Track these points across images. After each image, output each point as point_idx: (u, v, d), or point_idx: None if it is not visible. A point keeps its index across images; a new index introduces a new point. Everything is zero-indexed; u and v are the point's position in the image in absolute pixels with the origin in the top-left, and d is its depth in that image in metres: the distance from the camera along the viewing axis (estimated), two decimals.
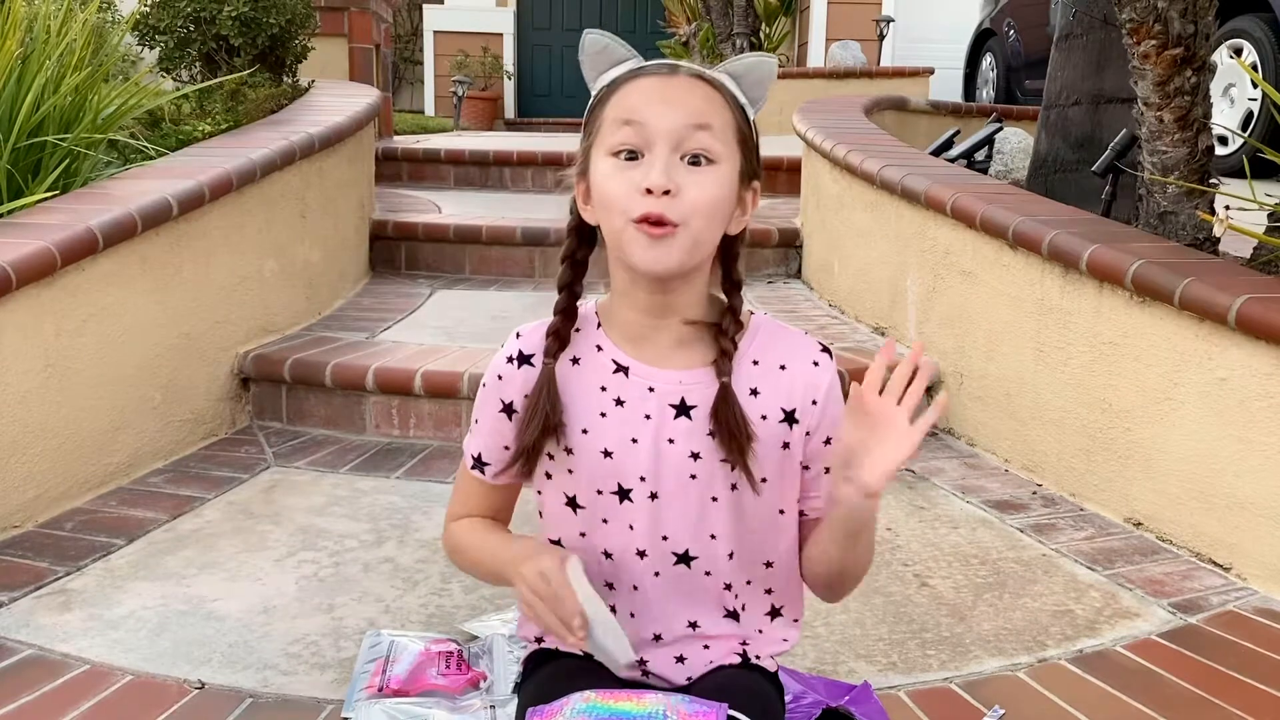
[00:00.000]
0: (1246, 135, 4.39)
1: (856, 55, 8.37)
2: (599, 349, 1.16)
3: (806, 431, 1.16)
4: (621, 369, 1.15)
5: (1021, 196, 3.00)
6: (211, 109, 3.80)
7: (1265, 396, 2.02)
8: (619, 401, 1.15)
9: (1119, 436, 2.35)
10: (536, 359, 1.17)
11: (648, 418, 1.14)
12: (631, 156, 1.06)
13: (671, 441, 1.14)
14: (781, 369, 1.16)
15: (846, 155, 3.54)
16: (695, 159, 1.06)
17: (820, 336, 1.21)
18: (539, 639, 1.25)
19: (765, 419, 1.14)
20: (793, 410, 1.15)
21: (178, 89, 3.83)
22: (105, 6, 4.44)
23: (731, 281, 1.16)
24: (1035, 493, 2.53)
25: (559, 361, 1.15)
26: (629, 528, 1.16)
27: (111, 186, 2.74)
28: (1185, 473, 2.19)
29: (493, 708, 1.54)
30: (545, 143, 6.38)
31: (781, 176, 4.86)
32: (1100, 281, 2.37)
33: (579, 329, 1.17)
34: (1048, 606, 1.96)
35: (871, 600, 1.95)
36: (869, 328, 3.39)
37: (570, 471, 1.17)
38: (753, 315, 1.19)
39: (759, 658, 1.23)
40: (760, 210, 1.19)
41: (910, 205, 3.12)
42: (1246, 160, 3.07)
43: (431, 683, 1.59)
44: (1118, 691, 1.68)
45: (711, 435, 1.13)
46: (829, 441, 1.16)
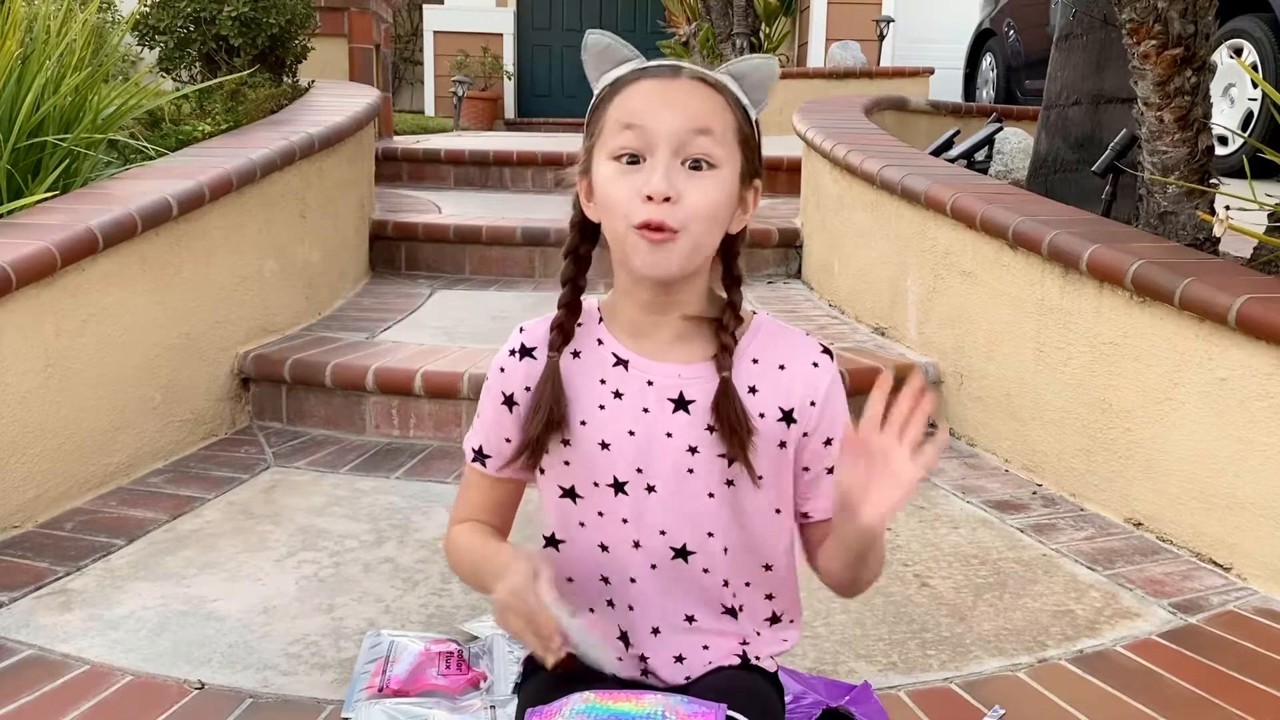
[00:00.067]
0: (1246, 135, 4.39)
1: (856, 55, 8.37)
2: (599, 343, 1.17)
3: (805, 432, 1.16)
4: (621, 362, 1.16)
5: (1021, 196, 3.00)
6: (211, 109, 3.80)
7: (1265, 396, 2.02)
8: (618, 394, 1.15)
9: (1119, 436, 2.35)
10: (538, 352, 1.18)
11: (646, 411, 1.14)
12: (633, 160, 1.07)
13: (669, 435, 1.14)
14: (781, 368, 1.16)
15: (847, 155, 3.54)
16: (696, 163, 1.06)
17: (820, 337, 1.21)
18: (559, 629, 1.25)
19: (763, 417, 1.14)
20: (790, 410, 1.15)
21: (178, 89, 3.83)
22: (105, 6, 4.44)
23: (732, 277, 1.16)
24: (1035, 493, 2.53)
25: (561, 355, 1.16)
26: (624, 521, 1.17)
27: (111, 186, 2.74)
28: (1185, 473, 2.19)
29: (493, 708, 1.54)
30: (545, 143, 6.38)
31: (781, 176, 4.86)
32: (1100, 281, 2.37)
33: (581, 324, 1.18)
34: (1048, 606, 1.96)
35: (872, 600, 1.95)
36: (869, 328, 3.39)
37: (568, 463, 1.17)
38: (754, 314, 1.20)
39: (758, 658, 1.23)
40: (760, 210, 1.19)
41: (910, 205, 3.12)
42: (1246, 160, 3.07)
43: (431, 683, 1.59)
44: (1118, 691, 1.68)
45: (709, 430, 1.13)
46: (829, 442, 1.16)
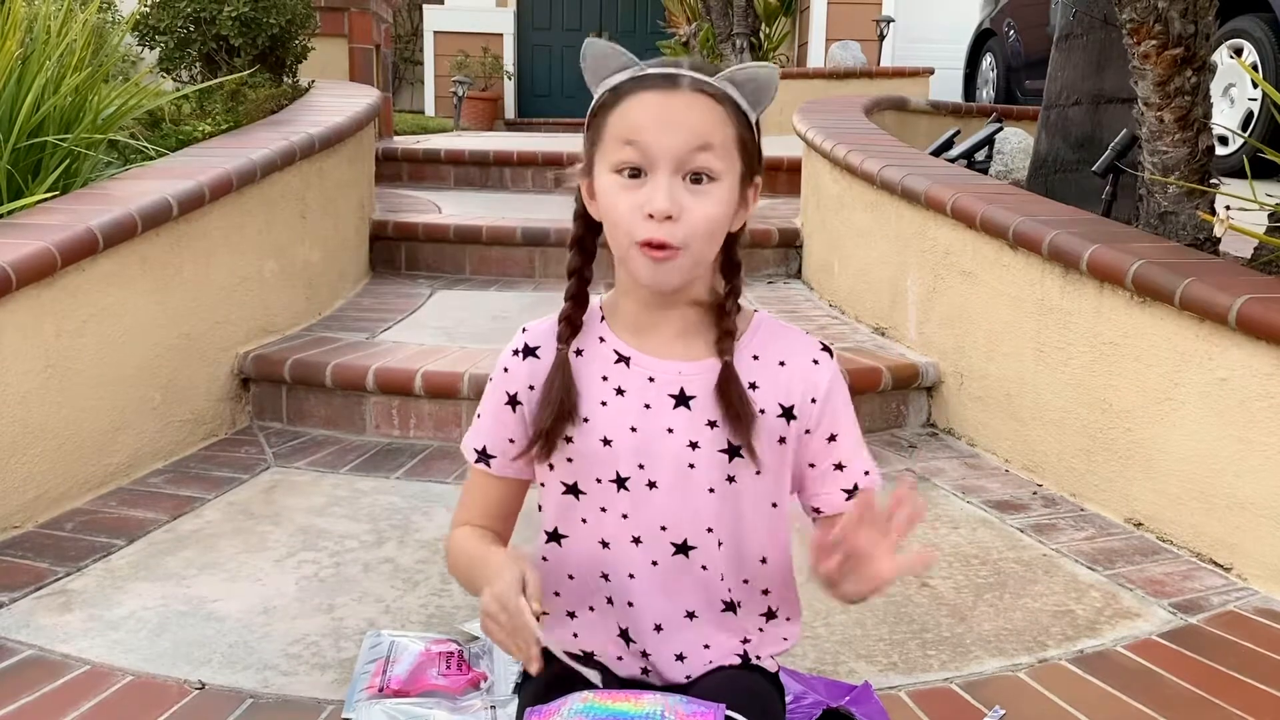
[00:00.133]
0: (1247, 135, 4.40)
1: (856, 55, 8.38)
2: (601, 340, 1.18)
3: (806, 429, 1.17)
4: (623, 359, 1.17)
5: (1021, 196, 3.00)
6: (211, 109, 3.80)
7: (1266, 396, 2.02)
8: (619, 391, 1.16)
9: (1119, 437, 2.35)
10: (541, 351, 1.19)
11: (647, 407, 1.15)
12: (634, 173, 1.08)
13: (670, 431, 1.15)
14: (781, 365, 1.17)
15: (847, 155, 3.54)
16: (697, 177, 1.07)
17: (820, 337, 1.22)
18: (538, 639, 1.25)
19: (763, 413, 1.15)
20: (790, 407, 1.16)
21: (178, 89, 3.83)
22: (105, 7, 4.44)
23: (731, 264, 1.17)
24: (1036, 493, 2.53)
25: (569, 347, 1.18)
26: (625, 516, 1.17)
27: (112, 187, 2.74)
28: (1186, 473, 2.19)
29: (493, 708, 1.54)
30: (545, 143, 6.38)
31: (781, 176, 4.86)
32: (1101, 281, 2.37)
33: (584, 322, 1.19)
34: (1048, 607, 1.96)
35: (872, 601, 1.94)
36: (869, 328, 3.39)
37: (570, 460, 1.18)
38: (755, 312, 1.21)
39: (759, 658, 1.24)
40: (760, 210, 1.20)
41: (910, 205, 3.12)
42: (1247, 160, 3.07)
43: (432, 683, 1.59)
44: (1118, 692, 1.68)
45: (710, 425, 1.14)
46: (834, 439, 1.18)
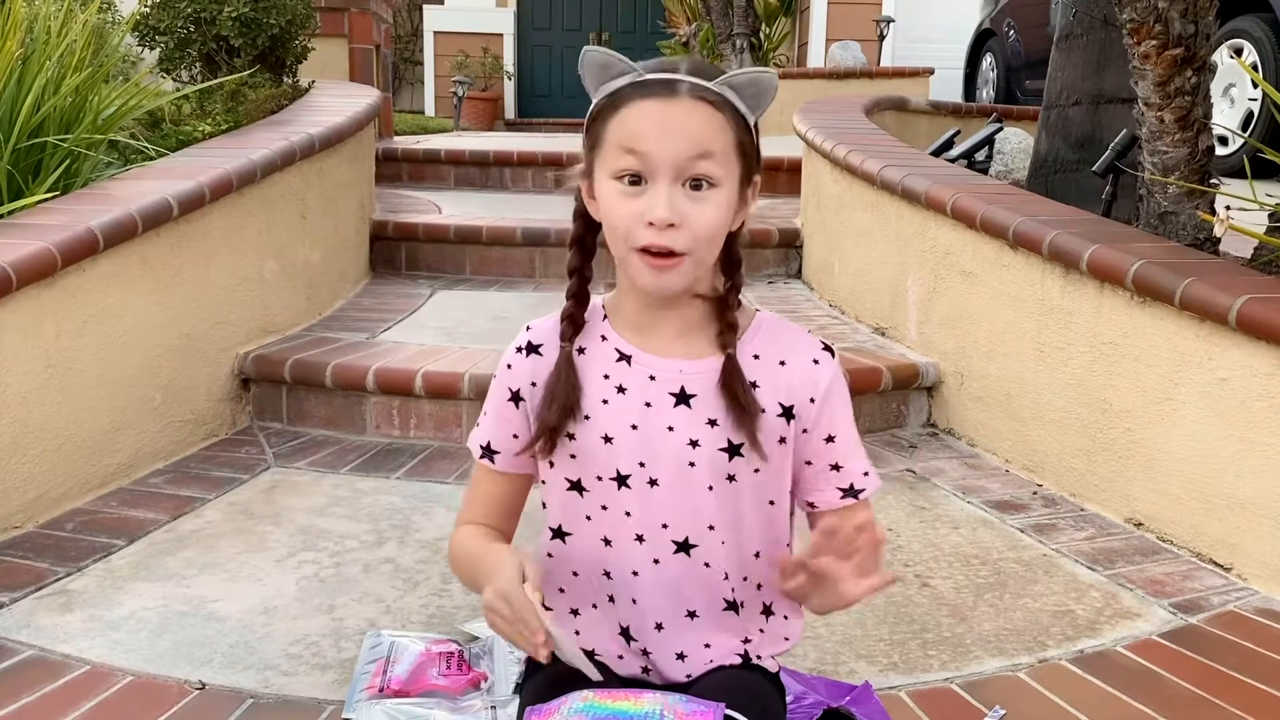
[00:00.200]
0: (1247, 135, 4.39)
1: (856, 55, 8.38)
2: (603, 339, 1.19)
3: (804, 429, 1.18)
4: (624, 358, 1.17)
5: (1022, 197, 3.00)
6: (212, 109, 3.80)
7: (1266, 397, 2.02)
8: (621, 389, 1.17)
9: (1120, 437, 2.35)
10: (544, 349, 1.20)
11: (648, 405, 1.16)
12: (635, 180, 1.08)
13: (671, 429, 1.15)
14: (781, 364, 1.17)
15: (847, 155, 3.54)
16: (697, 183, 1.08)
17: (821, 337, 1.22)
18: (543, 628, 1.25)
19: (764, 412, 1.15)
20: (791, 406, 1.17)
21: (178, 89, 3.83)
22: (105, 7, 4.44)
23: (732, 260, 1.17)
24: (1036, 493, 2.53)
25: (572, 344, 1.18)
26: (627, 514, 1.18)
27: (112, 187, 2.74)
28: (1186, 473, 2.19)
29: (493, 708, 1.54)
30: (545, 143, 6.38)
31: (781, 176, 4.86)
32: (1101, 282, 2.37)
33: (586, 320, 1.20)
34: (1048, 607, 1.96)
35: (872, 601, 1.95)
36: (870, 328, 3.39)
37: (573, 456, 1.19)
38: (757, 311, 1.21)
39: (760, 657, 1.24)
40: (760, 210, 1.21)
41: (911, 205, 3.12)
42: (1247, 160, 3.07)
43: (432, 683, 1.59)
44: (1118, 692, 1.68)
45: (710, 423, 1.15)
46: (831, 439, 1.18)
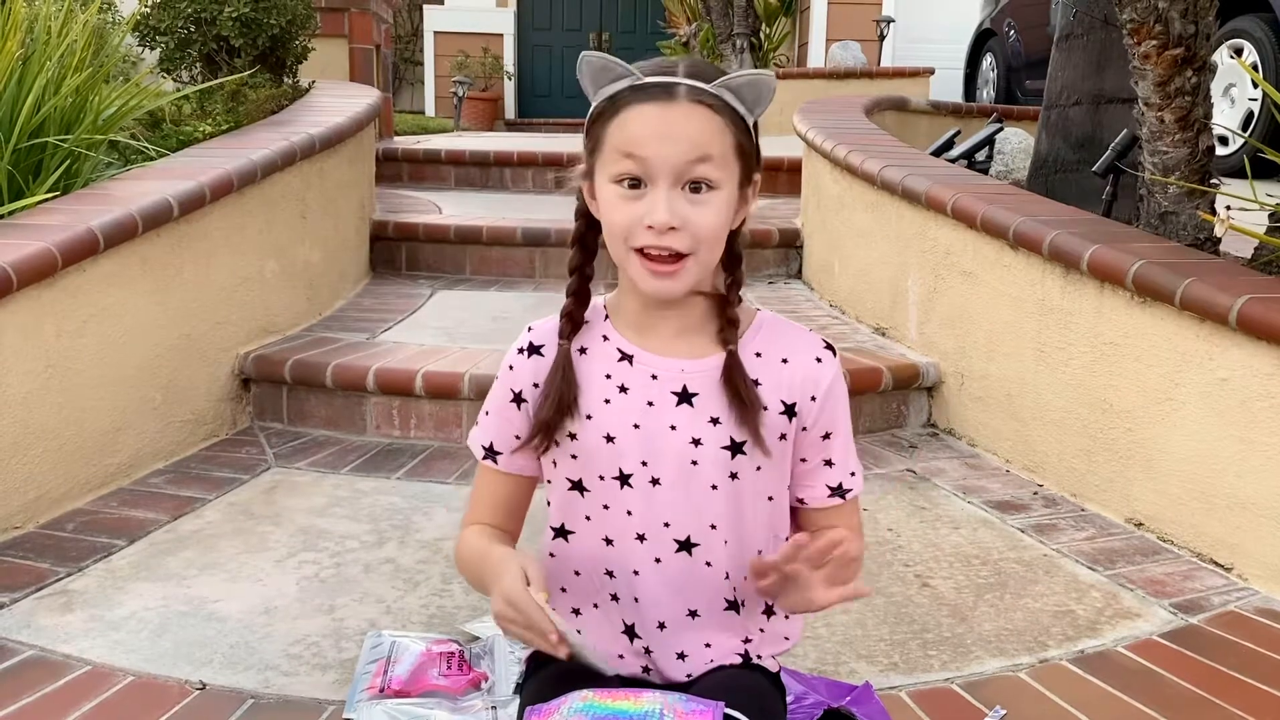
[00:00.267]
0: (1247, 135, 4.39)
1: (857, 55, 8.38)
2: (605, 338, 1.19)
3: (804, 426, 1.18)
4: (626, 357, 1.18)
5: (1022, 197, 3.00)
6: (212, 110, 3.80)
7: (1266, 397, 2.02)
8: (623, 389, 1.17)
9: (1120, 437, 2.35)
10: (546, 349, 1.20)
11: (650, 404, 1.16)
12: (634, 184, 1.09)
13: (673, 428, 1.16)
14: (784, 362, 1.18)
15: (847, 156, 3.54)
16: (696, 185, 1.08)
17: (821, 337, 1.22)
18: (556, 627, 1.26)
19: (765, 410, 1.16)
20: (793, 404, 1.17)
21: (178, 90, 3.82)
22: (106, 7, 4.44)
23: (733, 257, 1.17)
24: (1036, 493, 2.53)
25: (571, 343, 1.18)
26: (629, 513, 1.18)
27: (112, 187, 2.74)
28: (1186, 473, 2.19)
29: (494, 708, 1.54)
30: (546, 143, 6.38)
31: (781, 176, 4.86)
32: (1101, 282, 2.37)
33: (588, 320, 1.20)
34: (1049, 607, 1.96)
35: (873, 601, 1.95)
36: (870, 328, 3.39)
37: (575, 456, 1.19)
38: (758, 310, 1.22)
39: (760, 657, 1.24)
40: (760, 210, 1.21)
41: (911, 206, 3.12)
42: (1247, 160, 3.07)
43: (433, 683, 1.59)
44: (1119, 692, 1.68)
45: (713, 422, 1.15)
46: (828, 436, 1.19)
